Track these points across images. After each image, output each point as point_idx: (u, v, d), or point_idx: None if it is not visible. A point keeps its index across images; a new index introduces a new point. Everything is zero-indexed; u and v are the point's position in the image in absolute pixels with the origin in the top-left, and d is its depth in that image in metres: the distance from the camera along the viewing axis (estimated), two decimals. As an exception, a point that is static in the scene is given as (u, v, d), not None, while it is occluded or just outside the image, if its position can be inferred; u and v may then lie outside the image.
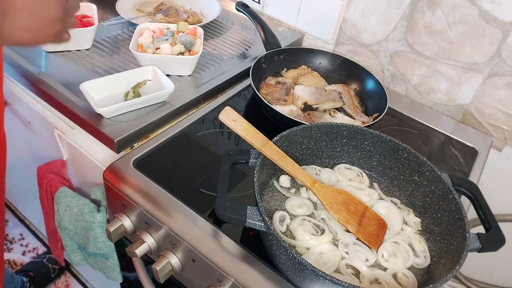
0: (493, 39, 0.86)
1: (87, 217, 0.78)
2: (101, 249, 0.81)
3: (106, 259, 0.84)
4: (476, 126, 0.97)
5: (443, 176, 0.61)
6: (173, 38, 0.90)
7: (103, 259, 0.85)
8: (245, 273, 0.57)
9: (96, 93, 0.77)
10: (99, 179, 0.79)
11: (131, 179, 0.68)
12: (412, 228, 0.63)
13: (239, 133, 0.58)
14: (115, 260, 0.84)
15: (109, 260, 0.84)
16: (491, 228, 0.58)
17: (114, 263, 0.85)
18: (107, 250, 0.82)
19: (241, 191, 0.70)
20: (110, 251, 0.82)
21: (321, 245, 0.58)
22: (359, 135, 0.69)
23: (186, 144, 0.77)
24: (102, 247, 0.81)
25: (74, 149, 0.83)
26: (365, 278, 0.56)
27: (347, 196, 0.62)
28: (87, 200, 0.80)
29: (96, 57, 0.92)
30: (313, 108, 0.90)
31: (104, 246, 0.81)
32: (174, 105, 0.81)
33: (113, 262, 0.85)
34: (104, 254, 0.83)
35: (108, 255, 0.83)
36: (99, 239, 0.79)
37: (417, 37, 0.95)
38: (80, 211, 0.79)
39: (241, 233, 0.63)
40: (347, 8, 1.03)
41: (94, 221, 0.77)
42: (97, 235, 0.79)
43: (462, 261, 0.51)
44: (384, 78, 1.05)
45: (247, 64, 0.98)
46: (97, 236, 0.79)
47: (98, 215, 0.77)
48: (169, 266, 0.63)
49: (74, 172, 0.91)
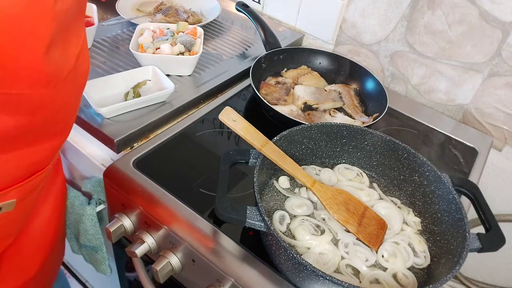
0: (493, 39, 0.86)
1: (77, 209, 0.78)
2: (91, 241, 0.81)
3: (96, 251, 0.84)
4: (476, 126, 0.97)
5: (443, 176, 0.61)
6: (173, 38, 0.90)
7: (93, 252, 0.85)
8: (245, 273, 0.57)
9: (96, 93, 0.77)
10: (94, 174, 0.79)
11: (131, 179, 0.68)
12: (412, 228, 0.63)
13: (239, 133, 0.58)
14: (104, 253, 0.84)
15: (99, 253, 0.84)
16: (491, 228, 0.58)
17: (103, 256, 0.85)
18: (97, 243, 0.82)
19: (241, 191, 0.70)
20: (99, 244, 0.82)
21: (321, 245, 0.58)
22: (359, 135, 0.69)
23: (186, 144, 0.77)
24: (92, 239, 0.81)
25: (74, 149, 0.83)
26: (365, 278, 0.56)
27: (347, 196, 0.62)
28: (78, 193, 0.80)
29: (96, 57, 0.92)
30: (313, 108, 0.90)
31: (93, 239, 0.81)
32: (174, 105, 0.81)
33: (102, 255, 0.84)
34: (94, 247, 0.83)
35: (97, 248, 0.83)
36: (88, 232, 0.79)
37: (417, 37, 0.95)
38: (70, 203, 0.79)
39: (241, 233, 0.63)
40: (347, 8, 1.03)
41: (84, 214, 0.77)
42: (87, 228, 0.79)
43: (462, 261, 0.51)
44: (384, 78, 1.05)
45: (247, 64, 0.98)
46: (87, 229, 0.79)
47: (88, 207, 0.77)
48: (169, 266, 0.63)
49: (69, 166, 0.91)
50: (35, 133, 0.52)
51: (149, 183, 0.68)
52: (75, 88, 0.55)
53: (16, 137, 0.49)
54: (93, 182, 0.78)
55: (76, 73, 0.51)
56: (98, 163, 0.77)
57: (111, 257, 0.90)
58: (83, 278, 1.49)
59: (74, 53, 0.50)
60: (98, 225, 0.79)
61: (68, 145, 0.81)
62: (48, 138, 0.56)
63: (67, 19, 0.45)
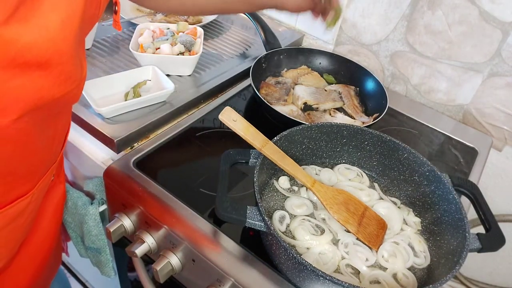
0: (493, 39, 0.86)
1: (80, 210, 0.78)
2: (94, 243, 0.81)
3: (99, 253, 0.84)
4: (476, 126, 0.97)
5: (443, 176, 0.61)
6: (173, 38, 0.90)
7: (97, 254, 0.84)
8: (245, 273, 0.57)
9: (96, 93, 0.77)
10: (96, 174, 0.79)
11: (131, 179, 0.68)
12: (412, 228, 0.63)
13: (239, 133, 0.58)
14: (108, 255, 0.84)
15: (102, 255, 0.84)
16: (491, 228, 0.58)
17: (107, 258, 0.84)
18: (100, 244, 0.82)
19: (241, 191, 0.70)
20: (103, 246, 0.82)
21: (321, 245, 0.58)
22: (359, 135, 0.69)
23: (186, 144, 0.77)
24: (95, 241, 0.81)
25: (75, 149, 0.83)
26: (365, 278, 0.56)
27: (347, 196, 0.62)
28: (81, 193, 0.80)
29: (96, 57, 0.92)
30: (313, 108, 0.90)
31: (97, 240, 0.81)
32: (174, 105, 0.81)
33: (106, 257, 0.84)
34: (98, 249, 0.83)
35: (101, 249, 0.83)
36: (92, 233, 0.79)
37: (417, 37, 0.95)
38: (74, 204, 0.79)
39: (241, 233, 0.63)
40: (347, 8, 1.03)
41: (87, 214, 0.77)
42: (90, 228, 0.79)
43: (462, 261, 0.51)
44: (384, 78, 1.05)
45: (247, 64, 0.98)
46: (90, 230, 0.79)
47: (91, 207, 0.77)
48: (169, 266, 0.63)
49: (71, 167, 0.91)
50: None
51: (149, 183, 0.68)
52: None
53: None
54: (95, 181, 0.78)
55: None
56: (100, 162, 0.77)
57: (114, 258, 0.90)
58: (83, 278, 1.49)
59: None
60: (101, 225, 0.79)
61: (69, 146, 0.81)
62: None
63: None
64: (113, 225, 0.68)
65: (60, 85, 0.45)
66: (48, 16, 0.39)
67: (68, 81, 0.46)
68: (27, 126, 0.46)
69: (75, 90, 0.49)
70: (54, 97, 0.45)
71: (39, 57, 0.40)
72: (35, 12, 0.38)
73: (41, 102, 0.44)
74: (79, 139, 0.80)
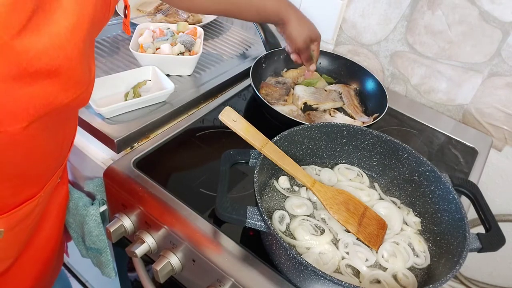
0: (493, 39, 0.86)
1: (81, 210, 0.78)
2: (95, 243, 0.81)
3: (100, 254, 0.84)
4: (476, 126, 0.97)
5: (443, 176, 0.61)
6: (173, 38, 0.90)
7: (98, 254, 0.84)
8: (245, 273, 0.57)
9: (96, 93, 0.77)
10: (96, 175, 0.79)
11: (131, 179, 0.68)
12: (412, 228, 0.63)
13: (239, 133, 0.58)
14: (108, 255, 0.84)
15: (103, 255, 0.84)
16: (491, 228, 0.58)
17: (107, 259, 0.84)
18: (101, 245, 0.82)
19: (241, 191, 0.70)
20: (104, 246, 0.82)
21: (321, 245, 0.58)
22: (359, 135, 0.69)
23: (186, 144, 0.77)
24: (96, 241, 0.81)
25: (75, 149, 0.83)
26: (365, 278, 0.56)
27: (347, 196, 0.62)
28: (82, 194, 0.80)
29: (96, 57, 0.92)
30: (313, 108, 0.90)
31: (97, 240, 0.81)
32: (174, 105, 0.81)
33: (107, 257, 0.84)
34: (98, 249, 0.83)
35: (101, 250, 0.83)
36: (92, 233, 0.79)
37: (417, 37, 0.95)
38: (74, 204, 0.79)
39: (241, 233, 0.63)
40: (347, 8, 1.03)
41: (87, 214, 0.77)
42: (91, 229, 0.79)
43: (462, 261, 0.51)
44: (384, 78, 1.05)
45: (247, 64, 0.98)
46: (91, 230, 0.79)
47: (91, 208, 0.77)
48: (169, 266, 0.63)
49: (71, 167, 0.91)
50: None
51: (149, 183, 0.68)
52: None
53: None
54: (96, 182, 0.78)
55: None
56: (100, 162, 0.77)
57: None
58: (83, 279, 1.49)
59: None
60: (102, 226, 0.79)
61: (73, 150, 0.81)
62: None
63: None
64: (113, 225, 0.68)
65: (68, 90, 0.45)
66: (60, 22, 0.39)
67: (77, 86, 0.46)
68: (37, 131, 0.46)
69: (84, 94, 0.48)
70: (63, 103, 0.45)
71: (49, 65, 0.40)
72: (48, 20, 0.38)
73: (50, 108, 0.44)
74: (79, 139, 0.80)
